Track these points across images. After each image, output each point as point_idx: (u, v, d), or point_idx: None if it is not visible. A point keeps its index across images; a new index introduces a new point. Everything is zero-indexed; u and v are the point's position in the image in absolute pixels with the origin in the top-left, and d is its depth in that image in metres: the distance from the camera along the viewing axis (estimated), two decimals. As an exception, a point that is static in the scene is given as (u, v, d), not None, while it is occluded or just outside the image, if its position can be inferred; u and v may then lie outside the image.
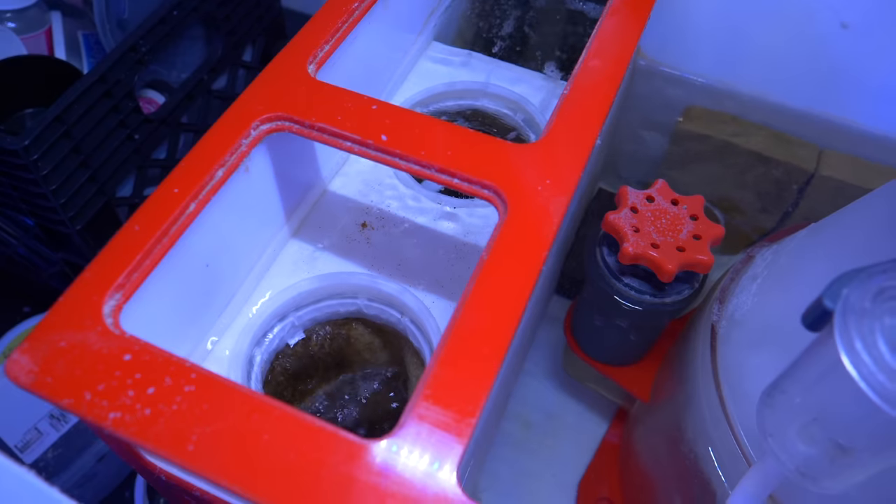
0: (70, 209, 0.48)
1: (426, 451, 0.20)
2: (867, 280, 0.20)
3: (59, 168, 0.45)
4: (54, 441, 0.48)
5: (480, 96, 0.42)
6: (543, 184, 0.26)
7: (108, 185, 0.50)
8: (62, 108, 0.44)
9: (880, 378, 0.19)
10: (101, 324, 0.22)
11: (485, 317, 0.22)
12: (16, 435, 0.48)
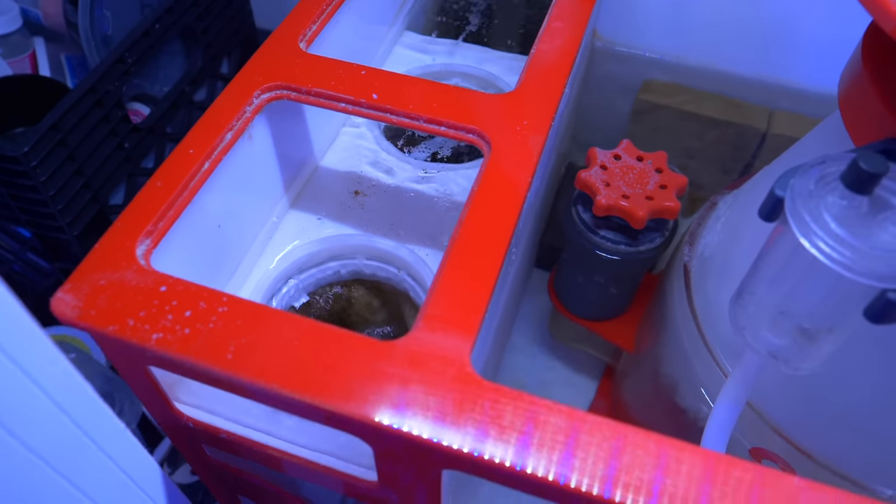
0: (67, 215, 0.50)
1: (441, 343, 0.22)
2: (809, 170, 0.23)
3: (55, 175, 0.47)
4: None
5: (453, 76, 0.45)
6: (521, 125, 0.29)
7: (102, 193, 0.52)
8: (57, 117, 0.46)
9: (831, 245, 0.22)
10: (136, 263, 0.24)
11: (481, 233, 0.25)
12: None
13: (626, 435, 0.20)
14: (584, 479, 0.19)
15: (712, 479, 0.19)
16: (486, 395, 0.21)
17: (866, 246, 0.22)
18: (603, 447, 0.20)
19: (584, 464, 0.20)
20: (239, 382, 0.22)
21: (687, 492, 0.19)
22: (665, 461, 0.20)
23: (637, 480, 0.19)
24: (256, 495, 0.36)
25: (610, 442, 0.20)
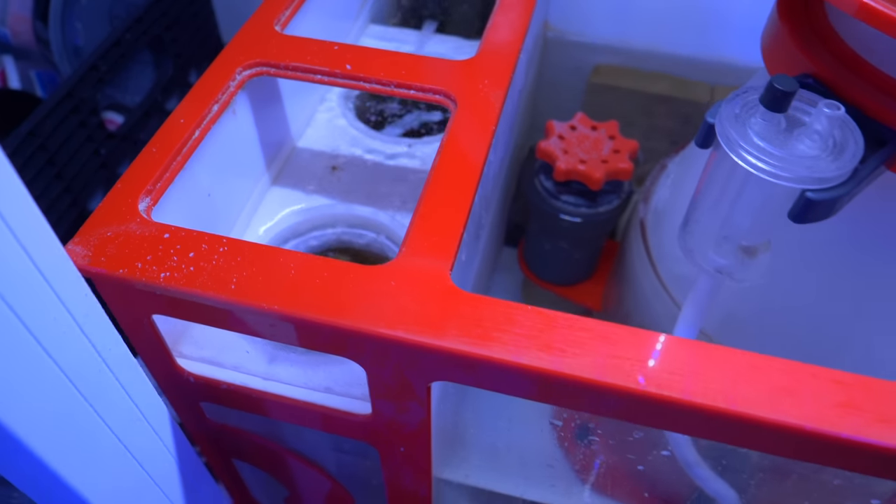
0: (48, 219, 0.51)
1: (423, 265, 0.25)
2: (733, 98, 0.27)
3: (36, 179, 0.49)
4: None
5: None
6: (483, 83, 0.32)
7: (81, 197, 0.54)
8: (34, 123, 0.48)
9: (757, 157, 0.25)
10: (140, 216, 0.26)
11: (454, 171, 0.28)
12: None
13: (593, 328, 0.23)
14: (562, 365, 0.22)
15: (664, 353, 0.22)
16: (468, 303, 0.24)
17: (786, 155, 0.25)
18: (575, 337, 0.23)
19: (561, 353, 0.22)
20: (243, 308, 0.24)
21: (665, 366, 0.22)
22: (645, 345, 0.23)
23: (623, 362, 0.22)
24: (252, 456, 0.38)
25: (578, 333, 0.23)
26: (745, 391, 0.22)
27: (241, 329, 0.26)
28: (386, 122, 0.44)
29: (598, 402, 0.23)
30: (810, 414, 0.21)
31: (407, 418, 0.28)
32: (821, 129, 0.25)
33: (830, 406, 0.22)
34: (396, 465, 0.32)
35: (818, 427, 0.21)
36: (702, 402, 0.22)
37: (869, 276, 0.31)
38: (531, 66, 0.52)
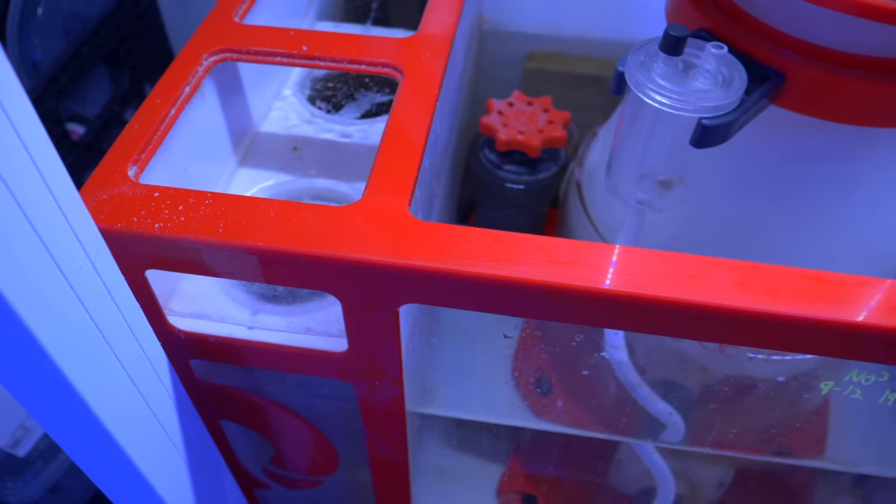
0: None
1: (384, 202, 0.29)
2: (638, 49, 0.32)
3: None
4: (43, 432, 0.52)
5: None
6: (425, 56, 0.36)
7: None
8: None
9: (661, 93, 0.30)
10: (130, 181, 0.30)
11: (406, 125, 0.32)
12: (5, 436, 0.52)
13: (532, 241, 0.27)
14: (507, 271, 0.26)
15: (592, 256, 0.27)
16: (425, 229, 0.28)
17: (684, 90, 0.30)
18: (518, 249, 0.27)
19: (507, 262, 0.27)
20: (231, 248, 0.28)
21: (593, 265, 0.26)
22: (577, 251, 0.27)
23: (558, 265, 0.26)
24: (239, 414, 0.41)
25: (520, 246, 0.27)
26: (659, 280, 0.26)
27: (229, 272, 0.29)
28: (341, 105, 0.48)
29: (537, 302, 0.27)
30: (712, 293, 0.26)
31: (379, 349, 0.32)
32: (710, 67, 0.30)
33: (728, 286, 0.26)
34: (372, 401, 0.36)
35: (719, 302, 0.26)
36: (623, 290, 0.26)
37: (761, 195, 0.36)
38: (469, 55, 0.57)
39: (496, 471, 0.54)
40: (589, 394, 0.43)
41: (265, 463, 0.47)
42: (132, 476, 0.31)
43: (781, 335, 0.27)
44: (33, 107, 0.20)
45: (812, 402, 0.47)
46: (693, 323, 0.27)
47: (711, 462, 0.50)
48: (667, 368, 0.45)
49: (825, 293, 0.26)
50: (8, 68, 0.19)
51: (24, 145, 0.20)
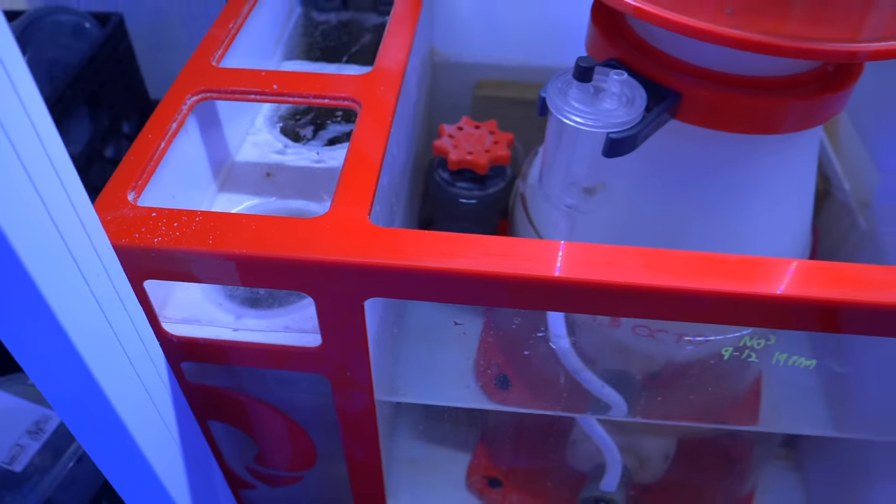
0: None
1: (347, 213, 0.34)
2: (557, 78, 0.38)
3: None
4: (37, 449, 0.56)
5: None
6: (379, 89, 0.42)
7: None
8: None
9: (584, 119, 0.36)
10: (130, 204, 0.35)
11: (365, 146, 0.37)
12: (2, 453, 0.55)
13: (474, 240, 0.33)
14: (452, 264, 0.32)
15: (523, 249, 0.32)
16: (384, 234, 0.33)
17: (595, 111, 0.36)
18: (461, 247, 0.33)
19: (451, 256, 0.32)
20: (219, 255, 0.33)
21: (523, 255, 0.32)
22: (509, 245, 0.33)
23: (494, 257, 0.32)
24: (225, 413, 0.46)
25: (463, 244, 0.33)
26: (578, 266, 0.32)
27: (217, 278, 0.34)
28: (308, 135, 0.53)
29: (477, 290, 0.33)
30: (621, 274, 0.32)
31: (348, 341, 0.37)
32: (615, 90, 0.37)
33: (636, 268, 0.32)
34: (345, 391, 0.41)
35: (626, 280, 0.32)
36: (543, 274, 0.32)
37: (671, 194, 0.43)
38: (423, 85, 0.63)
39: (464, 459, 0.59)
40: (542, 382, 0.49)
41: (249, 462, 0.51)
42: (137, 461, 0.35)
43: (682, 306, 0.33)
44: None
45: (744, 376, 0.53)
46: (608, 301, 0.33)
47: (656, 434, 0.55)
48: (612, 359, 0.51)
49: (714, 270, 0.32)
50: (43, 110, 0.25)
51: (58, 177, 0.25)
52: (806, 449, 0.62)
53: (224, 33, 0.47)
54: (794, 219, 0.48)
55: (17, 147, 0.23)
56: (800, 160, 0.45)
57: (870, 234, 0.57)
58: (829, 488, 0.59)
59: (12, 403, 0.58)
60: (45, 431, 0.57)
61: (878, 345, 0.47)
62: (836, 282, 0.32)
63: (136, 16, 0.79)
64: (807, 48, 0.33)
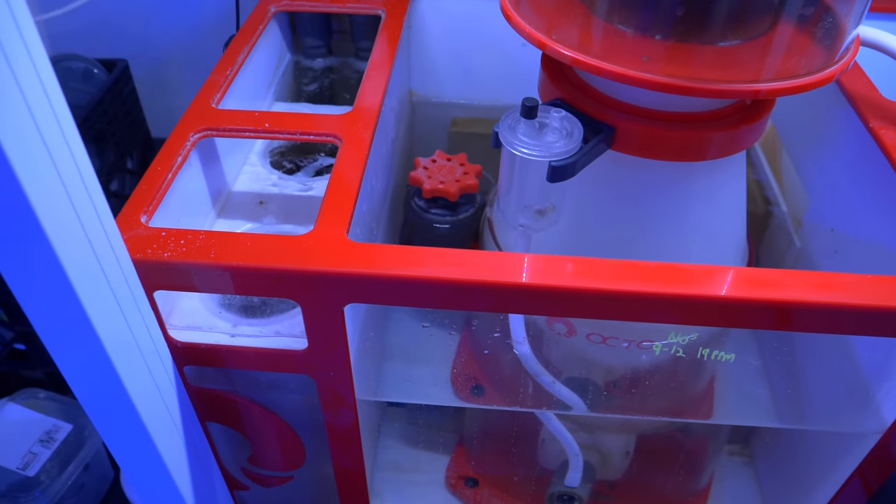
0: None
1: (328, 231, 0.40)
2: (508, 115, 0.44)
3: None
4: (48, 457, 0.61)
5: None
6: (358, 127, 0.48)
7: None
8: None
9: (530, 150, 0.42)
10: (143, 225, 0.41)
11: (345, 174, 0.44)
12: (16, 459, 0.60)
13: (440, 253, 0.39)
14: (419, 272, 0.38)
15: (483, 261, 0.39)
16: (360, 248, 0.39)
17: (539, 143, 0.42)
18: (428, 258, 0.39)
19: (417, 265, 0.38)
20: (219, 267, 0.39)
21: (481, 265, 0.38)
22: (470, 257, 0.39)
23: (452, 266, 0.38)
24: (223, 415, 0.51)
25: (430, 256, 0.39)
26: (541, 274, 0.38)
27: (218, 287, 0.40)
28: (296, 167, 0.60)
29: (436, 294, 0.39)
30: (554, 278, 0.38)
31: (331, 343, 0.43)
32: (556, 125, 0.43)
33: (567, 273, 0.38)
34: (329, 390, 0.46)
35: (558, 283, 0.38)
36: (488, 279, 0.38)
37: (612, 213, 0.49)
38: (401, 123, 0.70)
39: (444, 461, 0.65)
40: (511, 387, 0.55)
41: (243, 463, 0.56)
42: (149, 451, 0.41)
43: (607, 305, 0.39)
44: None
45: (699, 376, 0.59)
46: (542, 301, 0.39)
47: (616, 432, 0.61)
48: (576, 367, 0.57)
49: (635, 274, 0.38)
50: (84, 154, 0.31)
51: (93, 205, 0.31)
52: (758, 444, 0.68)
53: (222, 78, 0.54)
54: (728, 233, 0.54)
55: (65, 182, 0.29)
56: (726, 181, 0.52)
57: (803, 250, 0.64)
58: (778, 480, 0.64)
59: (26, 415, 0.63)
60: (56, 441, 0.62)
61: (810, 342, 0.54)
62: (739, 283, 0.38)
63: (138, 62, 0.86)
64: (710, 88, 0.40)
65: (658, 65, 0.41)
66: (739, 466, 0.68)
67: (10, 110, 0.26)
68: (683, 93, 0.40)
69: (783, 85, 0.42)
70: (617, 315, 0.39)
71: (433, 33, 0.74)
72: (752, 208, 0.71)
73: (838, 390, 0.54)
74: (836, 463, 0.54)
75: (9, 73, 0.25)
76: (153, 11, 0.86)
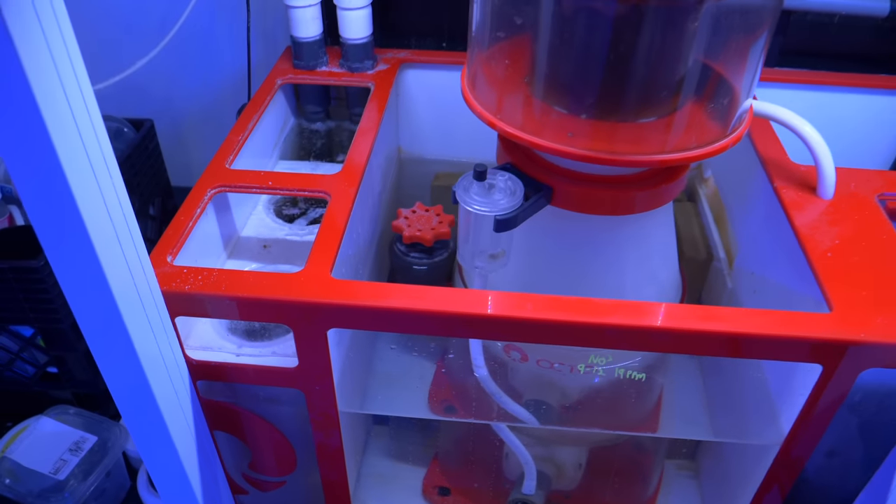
0: (64, 309, 0.74)
1: (315, 270, 0.51)
2: (464, 177, 0.55)
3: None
4: (76, 463, 0.71)
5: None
6: (344, 185, 0.59)
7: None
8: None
9: (480, 206, 0.52)
10: (168, 264, 0.51)
11: (332, 223, 0.54)
12: (49, 465, 0.70)
13: (406, 289, 0.49)
14: (385, 303, 0.48)
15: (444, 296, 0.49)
16: (340, 284, 0.49)
17: (488, 201, 0.53)
18: (397, 292, 0.49)
19: (386, 297, 0.48)
20: (229, 298, 0.49)
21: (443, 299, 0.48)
22: (434, 293, 0.49)
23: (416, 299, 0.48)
24: (229, 424, 0.60)
25: (398, 291, 0.49)
26: (465, 302, 0.48)
27: (227, 314, 0.50)
28: (295, 218, 0.70)
29: (401, 321, 0.48)
30: (493, 308, 0.48)
31: (316, 361, 0.53)
32: (502, 185, 0.53)
33: (505, 305, 0.48)
34: (315, 403, 0.56)
35: (497, 313, 0.48)
36: (443, 309, 0.48)
37: (553, 257, 0.59)
38: (389, 177, 0.80)
39: (422, 472, 0.74)
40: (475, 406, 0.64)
41: (244, 469, 0.65)
42: (169, 451, 0.50)
43: (537, 332, 0.49)
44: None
45: (646, 395, 0.68)
46: (486, 327, 0.49)
47: (569, 444, 0.70)
48: (533, 390, 0.66)
49: (561, 307, 0.48)
50: (129, 209, 0.41)
51: (135, 248, 0.42)
52: (703, 459, 0.76)
53: (235, 142, 0.65)
54: (659, 273, 0.64)
55: (118, 232, 0.39)
56: (653, 230, 0.62)
57: (734, 291, 0.73)
58: (717, 491, 0.73)
59: (58, 428, 0.73)
60: (83, 450, 0.71)
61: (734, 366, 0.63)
62: (641, 314, 0.48)
63: (161, 120, 0.97)
64: (622, 160, 0.50)
65: (581, 139, 0.52)
66: (685, 479, 0.76)
67: (81, 177, 0.36)
68: (599, 162, 0.50)
69: (684, 155, 0.52)
70: (548, 340, 0.49)
71: (419, 101, 0.85)
72: (695, 255, 0.81)
73: (753, 407, 0.63)
74: (753, 470, 0.63)
75: (81, 149, 0.36)
76: (175, 78, 0.98)
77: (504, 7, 0.53)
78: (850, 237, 0.56)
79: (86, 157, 0.37)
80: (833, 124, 0.81)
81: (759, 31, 0.52)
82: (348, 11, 0.75)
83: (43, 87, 0.32)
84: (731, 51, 0.53)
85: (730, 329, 0.48)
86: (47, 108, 0.33)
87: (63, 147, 0.34)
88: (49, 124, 0.33)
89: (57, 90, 0.34)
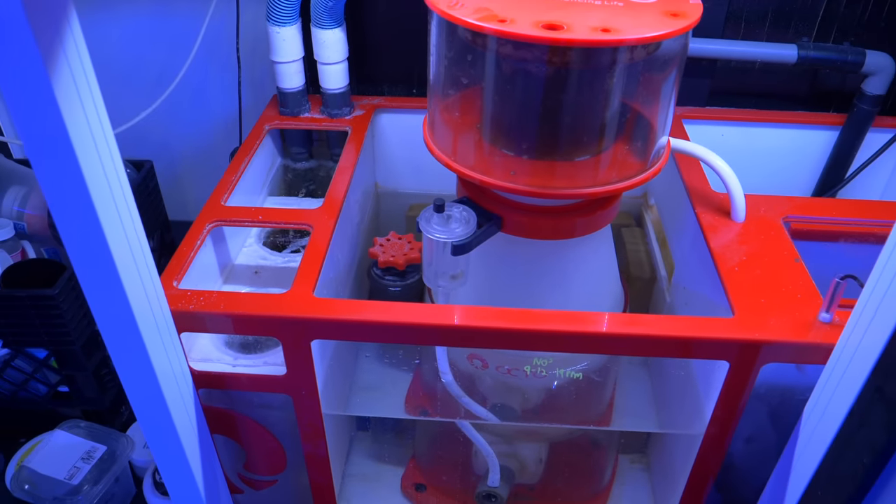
0: (77, 332, 0.82)
1: (299, 291, 0.60)
2: (426, 211, 0.64)
3: (71, 306, 0.81)
4: (88, 470, 0.79)
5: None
6: (324, 217, 0.69)
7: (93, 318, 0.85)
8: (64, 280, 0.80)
9: (439, 235, 0.62)
10: (174, 287, 0.60)
11: (314, 252, 0.63)
12: (64, 471, 0.78)
13: (381, 306, 0.58)
14: (363, 317, 0.57)
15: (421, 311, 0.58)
16: (321, 301, 0.59)
17: (446, 230, 0.62)
18: (372, 309, 0.58)
19: (363, 312, 0.57)
20: (227, 315, 0.58)
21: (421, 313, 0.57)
22: (410, 308, 0.58)
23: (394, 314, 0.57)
24: (227, 427, 0.69)
25: (373, 307, 0.58)
26: (431, 314, 0.57)
27: (224, 329, 0.59)
28: (283, 247, 0.80)
29: (373, 332, 0.58)
30: (450, 318, 0.57)
31: (301, 369, 0.62)
32: (458, 216, 0.63)
33: (456, 317, 0.58)
34: (302, 405, 0.65)
35: (454, 322, 0.57)
36: (412, 321, 0.57)
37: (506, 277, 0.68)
38: (366, 209, 0.90)
39: (400, 471, 0.83)
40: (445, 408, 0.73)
41: (240, 469, 0.74)
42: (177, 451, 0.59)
43: (489, 338, 0.58)
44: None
45: (600, 393, 0.77)
46: (444, 335, 0.58)
47: (530, 440, 0.79)
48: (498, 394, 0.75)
49: (507, 317, 0.58)
50: (145, 244, 0.50)
51: (150, 275, 0.51)
52: (653, 452, 0.85)
53: (229, 182, 0.75)
54: (601, 288, 0.74)
55: (136, 261, 0.49)
56: (594, 251, 0.71)
57: (672, 304, 0.83)
58: (663, 481, 0.82)
59: (71, 440, 0.81)
60: (94, 458, 0.80)
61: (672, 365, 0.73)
62: (574, 321, 0.57)
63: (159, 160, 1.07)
64: (556, 193, 0.60)
65: (523, 177, 0.61)
66: (638, 472, 0.85)
67: (110, 215, 0.45)
68: (537, 196, 0.60)
69: (611, 188, 0.62)
70: (500, 345, 0.58)
71: (392, 141, 0.95)
72: (641, 274, 0.91)
73: (685, 401, 0.72)
74: (687, 458, 0.72)
75: (108, 192, 0.45)
76: (173, 123, 1.07)
77: (455, 68, 0.63)
78: (755, 254, 0.65)
79: (111, 198, 0.46)
80: (758, 156, 0.92)
81: (667, 83, 0.62)
82: (327, 66, 0.85)
83: (79, 140, 0.42)
84: (644, 99, 0.63)
85: (648, 332, 0.57)
86: (85, 161, 0.42)
87: (96, 191, 0.44)
88: (87, 176, 0.43)
89: (89, 141, 0.43)
